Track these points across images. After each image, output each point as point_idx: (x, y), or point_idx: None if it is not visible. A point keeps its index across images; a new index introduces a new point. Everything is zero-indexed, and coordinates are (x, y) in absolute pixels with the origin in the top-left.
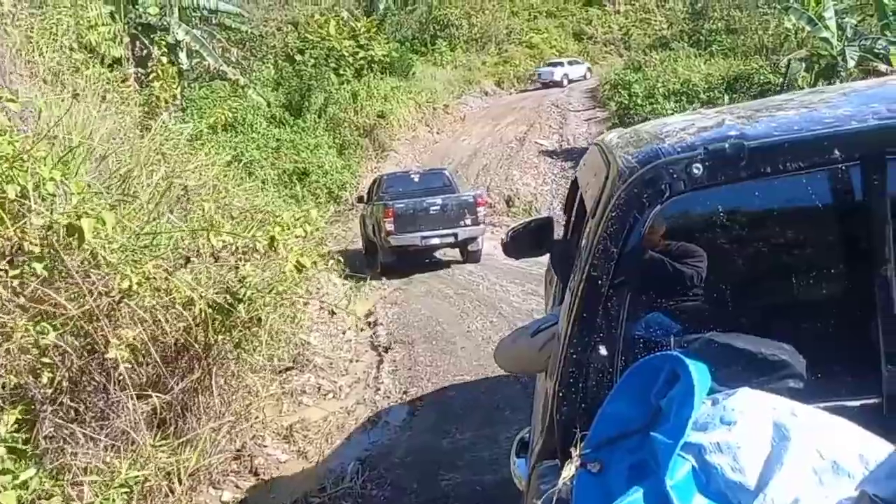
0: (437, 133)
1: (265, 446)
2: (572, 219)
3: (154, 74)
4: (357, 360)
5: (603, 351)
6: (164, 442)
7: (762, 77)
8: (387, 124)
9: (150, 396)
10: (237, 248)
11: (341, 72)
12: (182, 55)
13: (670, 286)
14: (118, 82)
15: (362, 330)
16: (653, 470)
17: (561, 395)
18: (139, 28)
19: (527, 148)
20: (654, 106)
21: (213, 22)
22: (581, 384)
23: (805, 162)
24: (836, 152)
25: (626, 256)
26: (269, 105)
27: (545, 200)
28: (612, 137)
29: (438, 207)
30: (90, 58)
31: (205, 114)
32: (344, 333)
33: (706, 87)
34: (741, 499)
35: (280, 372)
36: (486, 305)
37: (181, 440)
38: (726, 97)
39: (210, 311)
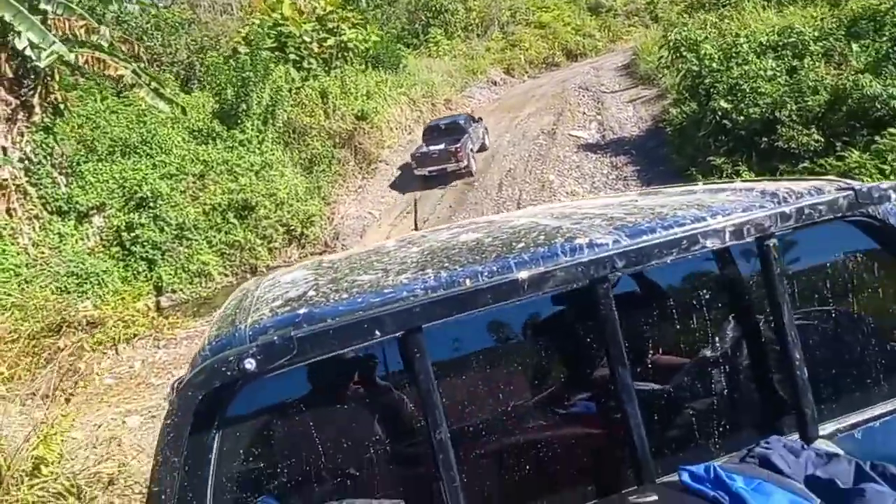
0: None
1: None
2: None
3: None
4: None
5: None
6: None
7: None
8: (371, 128)
9: None
10: None
11: (305, 64)
12: (20, 42)
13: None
14: None
15: None
16: None
17: None
18: None
19: (560, 143)
20: (745, 67)
21: None
22: None
23: (353, 342)
24: (378, 332)
25: (191, 468)
26: (184, 112)
27: None
28: (241, 290)
29: (437, 153)
30: None
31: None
32: None
33: (816, 35)
34: None
35: None
36: None
37: None
38: (854, 46)
39: None
